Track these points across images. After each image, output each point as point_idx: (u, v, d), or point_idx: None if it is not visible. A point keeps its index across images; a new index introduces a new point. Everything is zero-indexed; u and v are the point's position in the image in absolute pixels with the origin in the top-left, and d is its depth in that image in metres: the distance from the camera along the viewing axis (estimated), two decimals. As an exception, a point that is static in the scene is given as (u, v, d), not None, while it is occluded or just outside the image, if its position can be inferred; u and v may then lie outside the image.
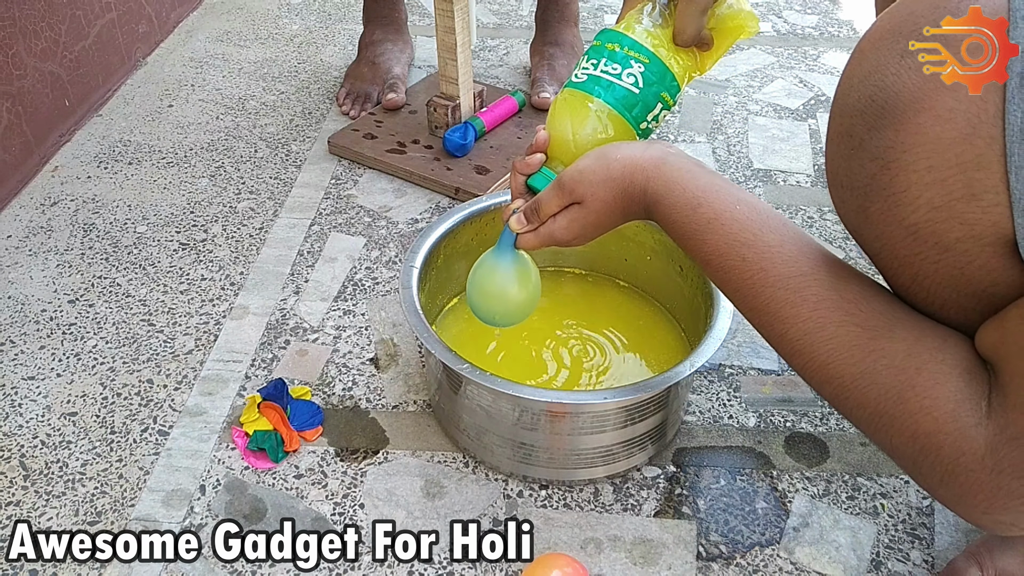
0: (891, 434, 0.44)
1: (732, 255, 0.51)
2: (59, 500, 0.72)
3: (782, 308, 0.49)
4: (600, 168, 0.57)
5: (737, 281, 0.51)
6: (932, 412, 0.42)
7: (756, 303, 0.50)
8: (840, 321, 0.46)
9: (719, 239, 0.52)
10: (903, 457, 0.45)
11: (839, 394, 0.46)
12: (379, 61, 1.30)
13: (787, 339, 0.48)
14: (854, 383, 0.45)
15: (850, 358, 0.45)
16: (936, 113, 0.39)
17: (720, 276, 0.53)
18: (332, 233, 1.03)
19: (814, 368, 0.47)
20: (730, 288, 0.52)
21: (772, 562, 0.67)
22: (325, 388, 0.82)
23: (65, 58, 1.19)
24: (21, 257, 0.99)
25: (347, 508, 0.71)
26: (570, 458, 0.70)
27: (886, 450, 0.46)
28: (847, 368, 0.45)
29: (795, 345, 0.48)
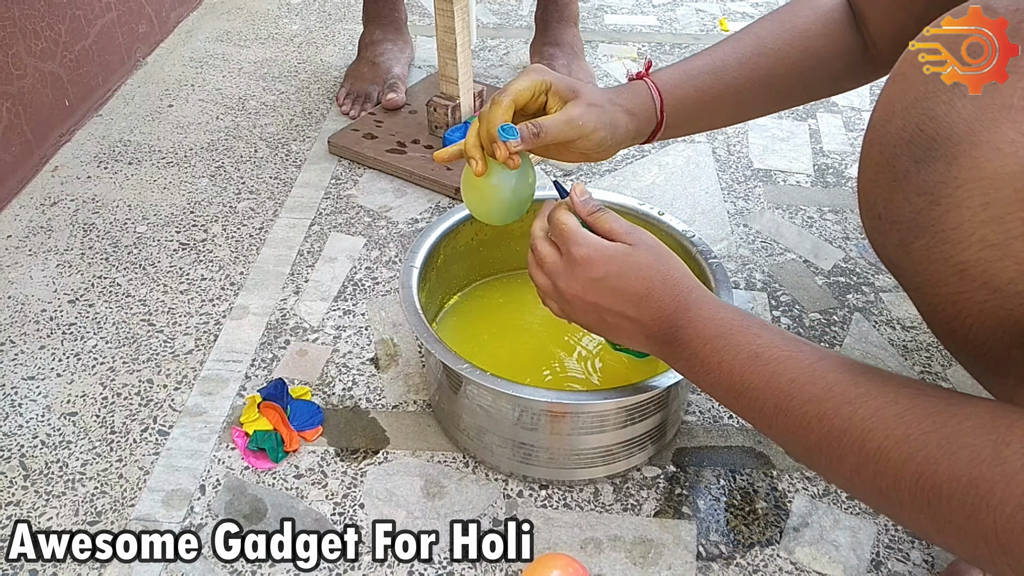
0: (993, 511, 0.37)
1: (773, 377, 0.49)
2: (59, 500, 0.72)
3: (845, 394, 0.44)
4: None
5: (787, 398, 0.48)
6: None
7: (809, 409, 0.46)
8: (912, 394, 0.42)
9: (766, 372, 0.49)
10: (1013, 550, 0.37)
11: (924, 472, 0.39)
12: (379, 61, 1.30)
13: (854, 423, 0.43)
14: (940, 450, 0.39)
15: (931, 425, 0.40)
16: (995, 146, 0.37)
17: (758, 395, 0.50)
18: (332, 233, 1.03)
19: (890, 447, 0.41)
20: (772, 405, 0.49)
21: (772, 562, 0.67)
22: (325, 388, 0.82)
23: (65, 58, 1.19)
24: (21, 257, 0.99)
25: (347, 508, 0.71)
26: (570, 458, 0.70)
27: (993, 552, 0.38)
28: (931, 436, 0.40)
29: (865, 425, 0.42)
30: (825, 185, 1.12)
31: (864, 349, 0.86)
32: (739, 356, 0.51)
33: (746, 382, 0.50)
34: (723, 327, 0.53)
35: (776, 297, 0.93)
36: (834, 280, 0.96)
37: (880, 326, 0.89)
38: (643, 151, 1.18)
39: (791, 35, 0.70)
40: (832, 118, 1.27)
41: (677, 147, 1.20)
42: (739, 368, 0.50)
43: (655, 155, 1.18)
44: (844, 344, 0.87)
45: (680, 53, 1.46)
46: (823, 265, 0.98)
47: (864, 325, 0.89)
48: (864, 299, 0.93)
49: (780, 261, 0.99)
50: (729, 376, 0.51)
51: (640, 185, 1.12)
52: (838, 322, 0.90)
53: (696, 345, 0.53)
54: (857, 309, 0.92)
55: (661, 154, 1.18)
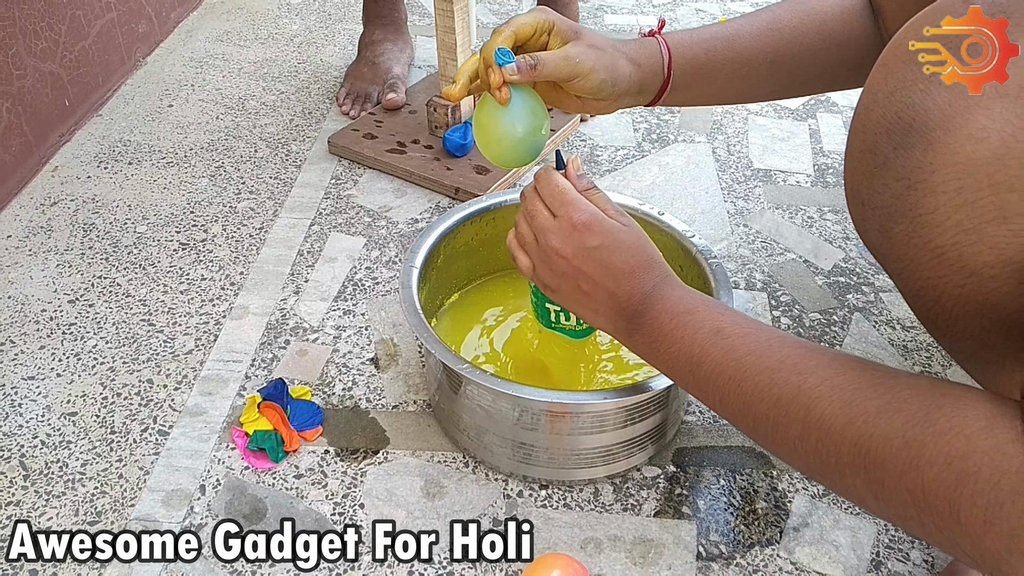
0: (922, 470, 0.39)
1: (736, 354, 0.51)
2: (59, 500, 0.72)
3: (796, 365, 0.47)
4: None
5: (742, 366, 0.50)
6: (963, 430, 0.39)
7: (761, 379, 0.48)
8: (860, 368, 0.45)
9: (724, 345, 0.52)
10: (938, 507, 0.39)
11: (862, 435, 0.42)
12: (379, 61, 1.30)
13: (803, 391, 0.45)
14: (879, 415, 0.42)
15: (872, 393, 0.43)
16: (968, 132, 0.38)
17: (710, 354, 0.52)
18: (332, 233, 1.03)
19: (833, 412, 0.44)
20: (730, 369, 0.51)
21: (772, 562, 0.67)
22: (325, 388, 0.82)
23: (65, 58, 1.19)
24: (21, 257, 0.99)
25: (347, 508, 0.71)
26: (570, 458, 0.70)
27: (920, 511, 0.40)
28: (871, 402, 0.43)
29: (812, 393, 0.45)
30: (825, 185, 1.12)
31: (864, 349, 0.86)
32: (702, 330, 0.53)
33: (704, 355, 0.52)
34: (690, 305, 0.55)
35: (776, 297, 0.93)
36: (834, 280, 0.96)
37: (880, 326, 0.89)
38: (643, 151, 1.19)
39: (807, 15, 0.70)
40: (832, 118, 1.27)
41: (677, 147, 1.20)
42: (700, 341, 0.52)
43: (655, 155, 1.18)
44: (844, 344, 0.87)
45: (680, 53, 1.46)
46: (823, 265, 0.98)
47: (864, 325, 0.89)
48: (864, 299, 0.93)
49: (780, 261, 0.99)
50: (689, 349, 0.53)
51: (640, 185, 1.12)
52: (838, 322, 0.90)
53: (662, 320, 0.55)
54: (857, 309, 0.92)
55: (661, 154, 1.18)
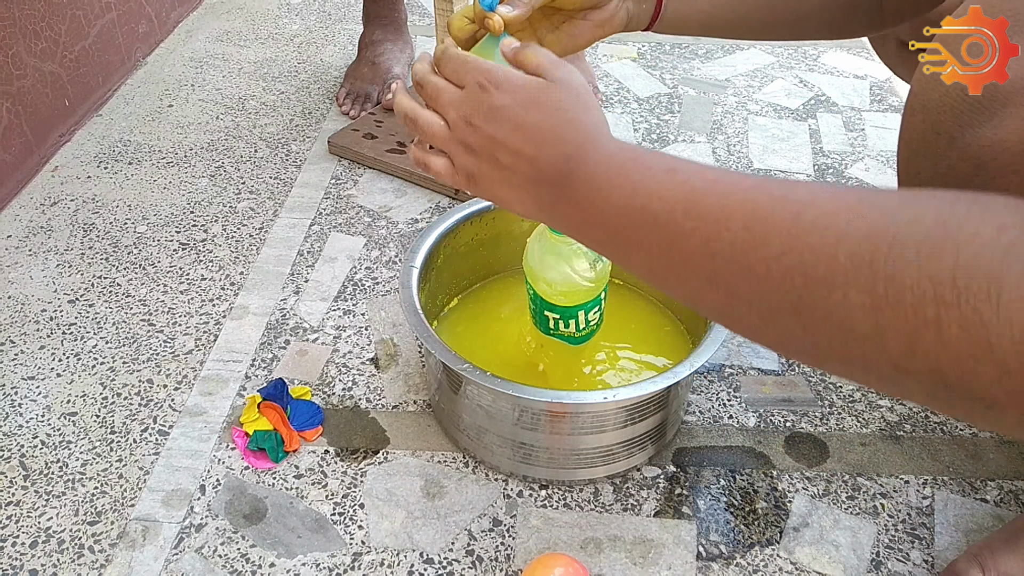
0: (959, 249, 0.32)
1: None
2: (59, 500, 0.72)
3: (772, 184, 0.39)
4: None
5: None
6: (1018, 205, 0.33)
7: (742, 220, 0.40)
8: (853, 186, 0.38)
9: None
10: (973, 290, 0.31)
11: (878, 225, 0.34)
12: (379, 61, 1.30)
13: (789, 200, 0.38)
14: (903, 205, 0.35)
15: (888, 194, 0.36)
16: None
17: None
18: (332, 233, 1.03)
19: (836, 210, 0.36)
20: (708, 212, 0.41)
21: (772, 562, 0.67)
22: (325, 388, 0.82)
23: (65, 58, 1.19)
24: (21, 257, 0.99)
25: (347, 508, 0.71)
26: (570, 458, 0.70)
27: (941, 306, 0.32)
28: (889, 197, 0.35)
29: (801, 199, 0.38)
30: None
31: (864, 349, 0.86)
32: (650, 173, 0.44)
33: (652, 196, 0.43)
34: (632, 154, 0.46)
35: (776, 297, 0.93)
36: (834, 280, 0.96)
37: (880, 326, 0.89)
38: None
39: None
40: (832, 118, 1.27)
41: (677, 147, 1.20)
42: (648, 184, 0.44)
43: (655, 155, 1.18)
44: (844, 344, 0.87)
45: (680, 53, 1.46)
46: (823, 265, 0.98)
47: (864, 325, 0.89)
48: (864, 299, 0.93)
49: (780, 261, 0.99)
50: (631, 197, 0.44)
51: (640, 185, 1.12)
52: (838, 322, 0.90)
53: (596, 175, 0.46)
54: (857, 309, 0.92)
55: (661, 154, 1.18)
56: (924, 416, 0.79)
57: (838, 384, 0.83)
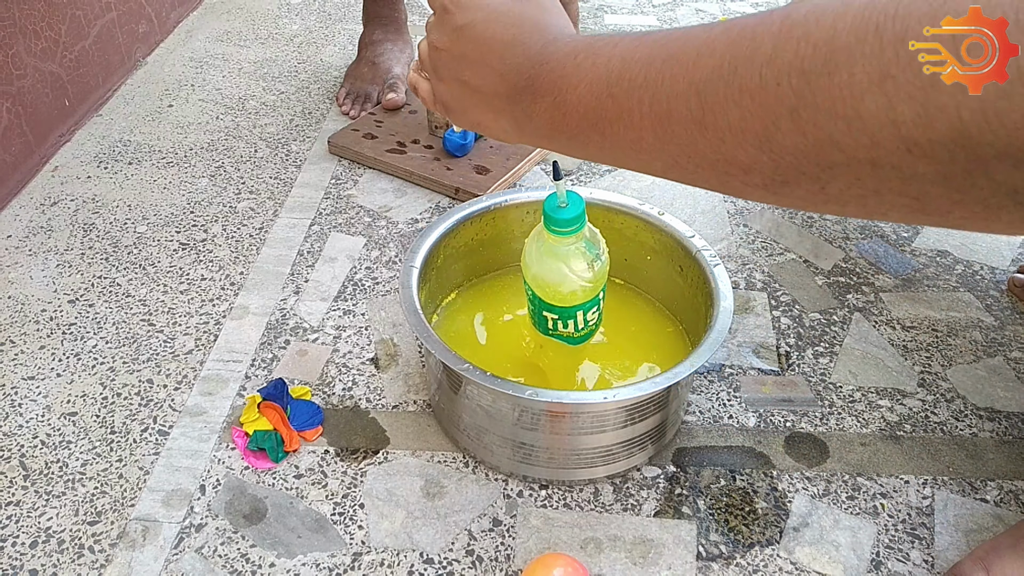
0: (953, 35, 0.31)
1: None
2: (59, 500, 0.72)
3: (752, 17, 0.36)
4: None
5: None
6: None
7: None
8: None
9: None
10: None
11: (885, 11, 0.32)
12: (379, 61, 1.30)
13: (773, 14, 0.35)
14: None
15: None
16: None
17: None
18: (332, 233, 1.03)
19: (834, 10, 0.33)
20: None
21: (772, 562, 0.67)
22: (325, 388, 0.82)
23: (65, 58, 1.19)
24: (21, 257, 0.99)
25: (347, 508, 0.71)
26: (570, 458, 0.70)
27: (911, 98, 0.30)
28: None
29: (788, 8, 0.35)
30: (825, 185, 1.12)
31: (864, 349, 0.86)
32: (620, 44, 0.42)
33: (626, 62, 0.41)
34: (597, 39, 0.44)
35: (776, 297, 0.93)
36: (834, 280, 0.96)
37: (880, 326, 0.89)
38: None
39: None
40: (832, 118, 1.27)
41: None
42: (619, 54, 0.41)
43: (655, 155, 1.18)
44: (844, 344, 0.87)
45: (680, 53, 1.46)
46: (823, 265, 0.98)
47: (864, 325, 0.89)
48: (864, 299, 0.93)
49: (780, 261, 0.99)
50: (604, 69, 0.42)
51: (640, 185, 1.12)
52: (838, 322, 0.90)
53: (564, 66, 0.44)
54: (857, 309, 0.92)
55: (661, 154, 1.18)
56: (924, 416, 0.79)
57: (838, 384, 0.83)
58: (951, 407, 0.80)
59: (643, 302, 0.88)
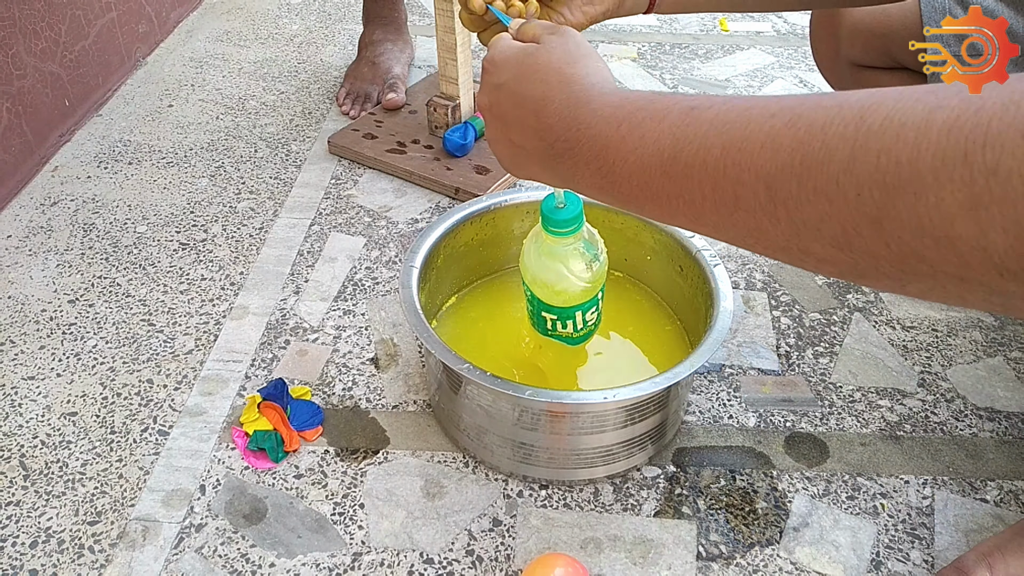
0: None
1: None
2: (59, 500, 0.72)
3: (820, 97, 0.36)
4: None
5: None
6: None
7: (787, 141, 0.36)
8: (929, 85, 0.34)
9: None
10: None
11: (971, 138, 0.30)
12: (379, 61, 1.30)
13: (846, 107, 0.34)
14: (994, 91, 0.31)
15: (961, 88, 0.32)
16: None
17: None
18: (332, 233, 1.03)
19: (907, 107, 0.32)
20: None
21: (772, 562, 0.67)
22: (325, 388, 0.82)
23: (65, 58, 1.19)
24: (21, 257, 0.99)
25: (347, 508, 0.71)
26: (570, 458, 0.70)
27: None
28: (964, 92, 0.31)
29: (863, 103, 0.33)
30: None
31: (864, 349, 0.86)
32: (668, 117, 0.40)
33: (679, 140, 0.39)
34: (639, 101, 0.43)
35: (776, 297, 0.93)
36: (834, 280, 0.96)
37: (880, 326, 0.89)
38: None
39: None
40: (832, 118, 1.27)
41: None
42: (668, 129, 0.40)
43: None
44: (844, 344, 0.87)
45: (680, 53, 1.46)
46: (823, 265, 0.98)
47: (864, 325, 0.89)
48: (864, 299, 0.93)
49: (780, 261, 0.99)
50: (655, 147, 0.40)
51: (640, 185, 1.12)
52: (838, 322, 0.90)
53: (606, 136, 0.43)
54: (857, 309, 0.92)
55: (661, 154, 1.18)
56: (924, 416, 0.79)
57: (838, 384, 0.83)
58: (951, 407, 0.80)
59: (643, 301, 0.88)
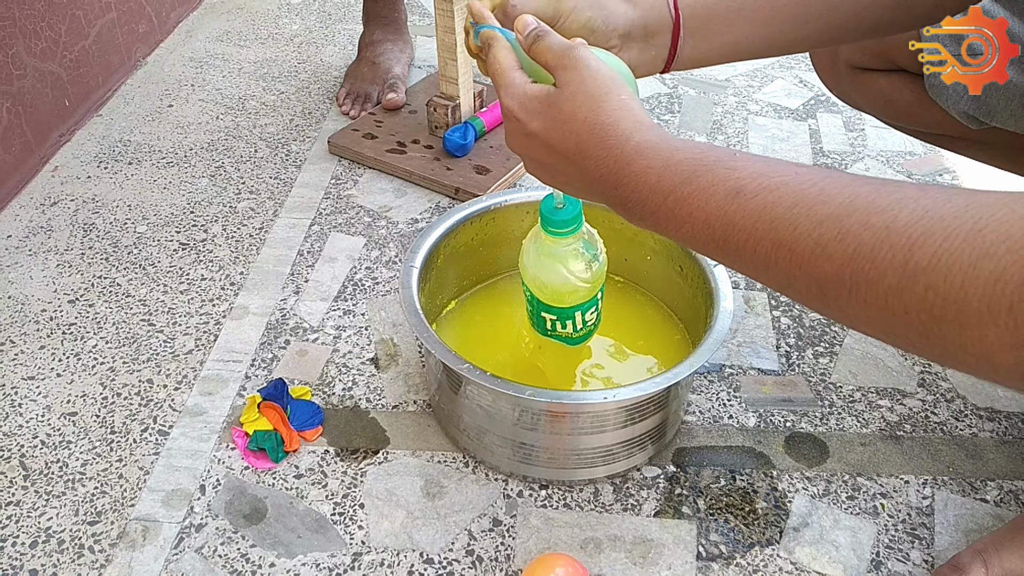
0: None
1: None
2: (59, 500, 0.72)
3: (872, 204, 0.37)
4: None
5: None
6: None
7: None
8: (965, 191, 0.36)
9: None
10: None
11: (1018, 292, 0.32)
12: (379, 61, 1.30)
13: (894, 230, 0.35)
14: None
15: (1009, 232, 0.33)
16: None
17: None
18: (332, 233, 1.03)
19: (956, 245, 0.33)
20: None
21: (772, 562, 0.67)
22: (325, 388, 0.82)
23: (65, 58, 1.19)
24: (21, 257, 0.99)
25: (347, 508, 0.71)
26: (570, 458, 0.70)
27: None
28: (1011, 242, 0.32)
29: (912, 231, 0.35)
30: (825, 185, 1.12)
31: (864, 349, 0.86)
32: (713, 199, 0.42)
33: (729, 224, 0.41)
34: (683, 173, 0.44)
35: (776, 297, 0.93)
36: (834, 280, 0.96)
37: (880, 326, 0.89)
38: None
39: None
40: (832, 118, 1.27)
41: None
42: (716, 213, 0.42)
43: (655, 155, 1.18)
44: (844, 344, 0.87)
45: (680, 53, 1.46)
46: (823, 265, 0.98)
47: (864, 325, 0.89)
48: (864, 299, 0.93)
49: (780, 261, 0.98)
50: (705, 227, 0.43)
51: (640, 185, 1.12)
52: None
53: (655, 203, 0.45)
54: (857, 309, 0.91)
55: (661, 154, 1.18)
56: (924, 416, 0.79)
57: (838, 384, 0.83)
58: (951, 407, 0.80)
59: (643, 301, 0.88)
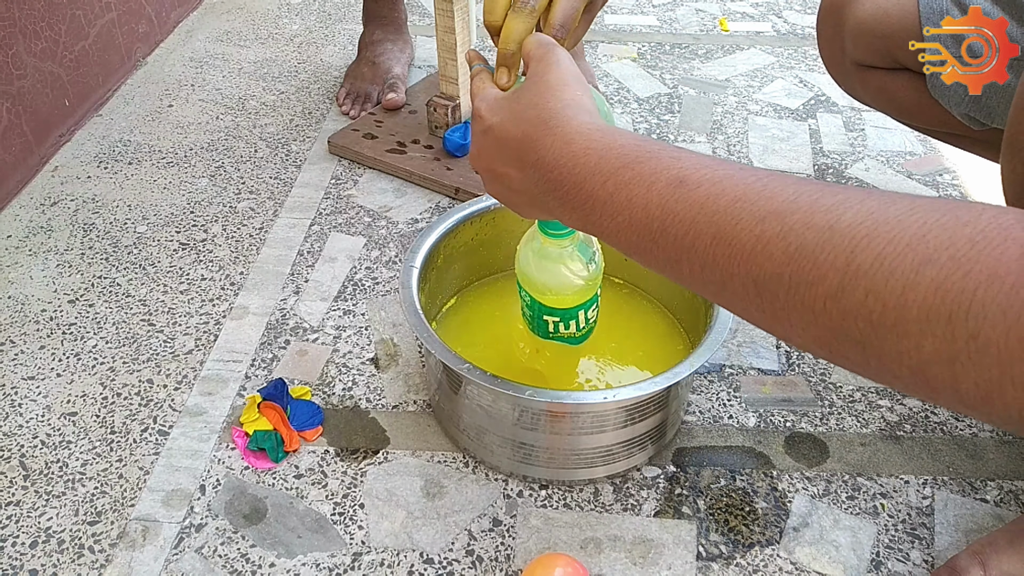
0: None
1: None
2: (59, 500, 0.72)
3: (816, 202, 0.35)
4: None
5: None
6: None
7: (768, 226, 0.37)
8: (908, 196, 0.35)
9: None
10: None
11: (957, 304, 0.31)
12: (379, 61, 1.30)
13: (837, 231, 0.34)
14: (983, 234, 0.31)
15: (953, 241, 0.32)
16: None
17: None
18: (332, 233, 1.03)
19: (900, 250, 0.32)
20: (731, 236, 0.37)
21: (772, 562, 0.67)
22: (325, 388, 0.82)
23: (65, 58, 1.19)
24: (21, 257, 0.99)
25: (347, 508, 0.71)
26: (570, 458, 0.70)
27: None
28: (964, 226, 0.32)
29: (855, 232, 0.33)
30: (825, 185, 1.12)
31: (864, 349, 0.86)
32: (655, 187, 0.40)
33: (669, 215, 0.39)
34: (624, 157, 0.42)
35: (776, 297, 0.93)
36: (834, 280, 0.96)
37: (880, 326, 0.89)
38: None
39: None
40: (832, 118, 1.27)
41: (677, 147, 1.20)
42: (657, 201, 0.40)
43: (655, 155, 1.18)
44: (844, 344, 0.87)
45: (680, 53, 1.46)
46: (823, 265, 0.98)
47: (864, 325, 0.89)
48: (864, 299, 0.93)
49: (780, 261, 0.99)
50: (644, 216, 0.40)
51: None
52: (838, 322, 0.90)
53: (591, 187, 0.42)
54: (857, 309, 0.92)
55: (661, 154, 1.18)
56: (924, 416, 0.79)
57: (838, 384, 0.83)
58: (951, 407, 0.80)
59: (642, 302, 0.88)
